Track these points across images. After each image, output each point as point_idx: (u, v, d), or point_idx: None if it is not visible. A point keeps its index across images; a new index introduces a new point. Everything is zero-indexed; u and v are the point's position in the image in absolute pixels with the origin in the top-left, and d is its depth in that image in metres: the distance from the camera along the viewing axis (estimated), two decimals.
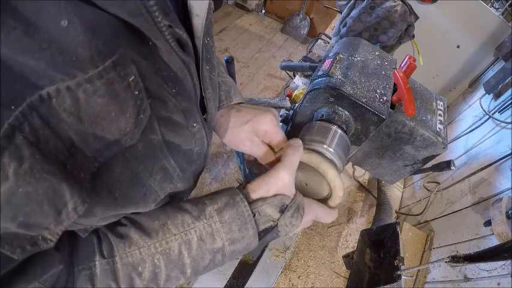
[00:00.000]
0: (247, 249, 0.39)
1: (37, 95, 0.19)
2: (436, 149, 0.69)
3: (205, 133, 0.40)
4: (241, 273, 1.33)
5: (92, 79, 0.21)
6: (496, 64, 1.55)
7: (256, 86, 2.53)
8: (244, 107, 0.51)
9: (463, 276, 1.02)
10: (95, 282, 0.32)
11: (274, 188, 0.40)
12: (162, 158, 0.32)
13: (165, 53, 0.27)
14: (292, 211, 0.41)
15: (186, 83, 0.31)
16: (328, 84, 0.62)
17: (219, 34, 2.88)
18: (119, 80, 0.23)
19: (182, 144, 0.35)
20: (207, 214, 0.37)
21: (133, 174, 0.29)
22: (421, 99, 0.75)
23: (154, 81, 0.27)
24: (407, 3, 1.24)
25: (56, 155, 0.22)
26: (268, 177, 0.41)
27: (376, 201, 1.59)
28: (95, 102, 0.22)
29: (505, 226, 0.89)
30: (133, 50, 0.24)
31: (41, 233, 0.23)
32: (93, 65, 0.21)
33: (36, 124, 0.20)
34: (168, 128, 0.31)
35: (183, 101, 0.32)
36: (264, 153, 0.50)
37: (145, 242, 0.34)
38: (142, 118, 0.26)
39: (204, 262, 0.37)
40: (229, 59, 1.06)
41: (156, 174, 0.33)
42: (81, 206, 0.24)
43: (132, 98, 0.25)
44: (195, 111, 0.35)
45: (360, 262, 0.83)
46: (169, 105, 0.30)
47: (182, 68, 0.30)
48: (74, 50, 0.20)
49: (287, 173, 0.41)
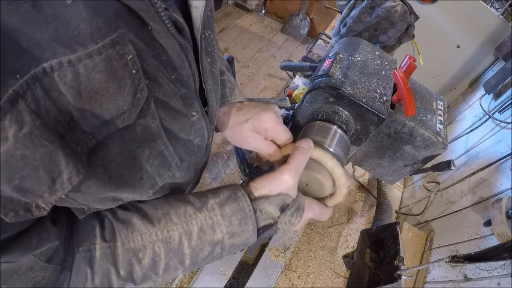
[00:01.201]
0: (245, 244, 0.40)
1: (41, 67, 0.21)
2: (436, 149, 0.69)
3: (205, 124, 0.40)
4: (241, 273, 1.33)
5: (92, 54, 0.23)
6: (496, 64, 1.55)
7: (256, 86, 2.53)
8: (246, 105, 0.51)
9: (463, 276, 1.02)
10: (93, 264, 0.32)
11: (277, 189, 0.40)
12: (160, 144, 0.33)
13: (162, 36, 0.28)
14: (293, 210, 0.41)
15: (184, 69, 0.32)
16: (328, 84, 0.62)
17: (219, 34, 2.88)
18: (117, 57, 0.24)
19: (181, 132, 0.36)
20: (209, 206, 0.37)
21: (130, 156, 0.30)
22: (421, 99, 0.75)
23: (152, 64, 0.28)
24: (407, 3, 1.24)
25: (55, 126, 0.23)
26: (272, 177, 0.41)
27: (376, 201, 1.59)
28: (94, 77, 0.23)
29: (505, 226, 0.89)
30: (132, 33, 0.25)
31: (35, 200, 0.24)
32: (93, 41, 0.23)
33: (38, 94, 0.21)
34: (166, 113, 0.32)
35: (182, 87, 0.33)
36: (268, 150, 0.50)
37: (147, 229, 0.35)
38: (139, 98, 0.27)
39: (203, 253, 0.38)
40: (229, 59, 1.06)
41: (154, 159, 0.33)
42: (76, 177, 0.25)
43: (130, 76, 0.26)
44: (194, 100, 0.36)
45: (360, 262, 0.83)
46: (166, 90, 0.31)
47: (179, 52, 0.30)
48: (76, 26, 0.21)
49: (291, 175, 0.41)
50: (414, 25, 1.31)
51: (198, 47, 0.35)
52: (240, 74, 2.58)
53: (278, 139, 0.50)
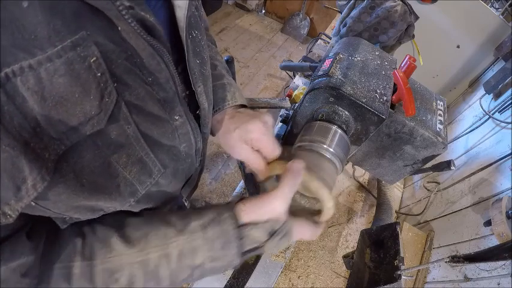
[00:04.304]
0: (228, 266, 0.39)
1: (3, 72, 0.21)
2: (436, 149, 0.69)
3: (191, 129, 0.39)
4: (241, 273, 1.33)
5: (51, 58, 0.22)
6: (496, 64, 1.55)
7: (256, 86, 2.53)
8: (239, 113, 0.50)
9: (463, 276, 1.02)
10: (71, 282, 0.32)
11: (267, 215, 0.39)
12: (139, 150, 0.32)
13: (132, 37, 0.27)
14: (281, 236, 0.40)
15: (161, 72, 0.31)
16: (328, 84, 0.62)
17: (219, 34, 2.88)
18: (79, 60, 0.23)
19: (163, 137, 0.34)
20: (191, 229, 0.36)
21: (105, 163, 0.29)
22: (421, 99, 0.75)
23: (123, 66, 0.27)
24: (407, 3, 1.24)
25: (19, 132, 0.22)
26: (263, 202, 0.39)
27: (376, 201, 1.58)
28: (57, 82, 0.23)
29: (505, 226, 0.88)
30: (99, 33, 0.25)
31: (1, 207, 0.23)
32: (51, 44, 0.22)
33: (1, 99, 0.21)
34: (142, 118, 0.31)
35: (160, 90, 0.32)
36: (254, 163, 0.48)
37: (125, 250, 0.34)
38: (107, 101, 0.26)
39: (182, 276, 0.37)
40: (229, 59, 1.06)
41: (132, 166, 0.32)
42: (40, 183, 0.25)
43: (95, 79, 0.25)
44: (177, 104, 0.35)
45: (360, 262, 0.83)
46: (140, 93, 0.29)
47: (153, 53, 0.29)
48: (33, 29, 0.21)
49: (283, 202, 0.39)
50: (414, 25, 1.31)
51: (184, 48, 0.34)
52: (240, 74, 2.58)
53: (264, 151, 0.48)
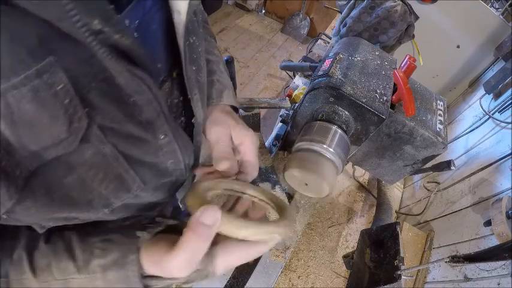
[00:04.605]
0: None
1: None
2: (436, 149, 0.69)
3: (179, 146, 0.37)
4: (241, 273, 1.33)
5: (17, 85, 0.22)
6: (496, 64, 1.56)
7: (256, 86, 2.53)
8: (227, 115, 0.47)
9: (463, 276, 1.02)
10: None
11: (167, 275, 0.33)
12: (117, 168, 0.31)
13: (107, 59, 0.26)
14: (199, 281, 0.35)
15: (142, 93, 0.29)
16: (328, 84, 0.62)
17: (219, 34, 2.88)
18: (45, 87, 0.23)
19: (145, 156, 0.33)
20: (91, 268, 0.33)
21: (79, 179, 0.29)
22: (421, 99, 0.75)
23: (97, 89, 0.26)
24: (407, 3, 1.24)
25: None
26: (160, 260, 0.32)
27: (376, 201, 1.59)
28: (24, 108, 0.23)
29: (505, 226, 0.88)
30: (69, 57, 0.24)
31: None
32: (15, 73, 0.22)
33: None
34: (120, 139, 0.30)
35: (143, 112, 0.30)
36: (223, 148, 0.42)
37: (31, 276, 0.33)
38: (77, 127, 0.26)
39: None
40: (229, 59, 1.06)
41: (109, 182, 0.31)
42: (8, 201, 0.25)
43: (62, 106, 0.24)
44: (161, 123, 0.33)
45: (360, 262, 0.83)
46: (116, 116, 0.28)
47: (131, 77, 0.28)
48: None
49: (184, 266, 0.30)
50: (414, 25, 1.31)
51: (182, 55, 0.33)
52: (240, 74, 2.58)
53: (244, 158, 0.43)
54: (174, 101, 0.39)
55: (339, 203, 1.68)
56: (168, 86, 0.38)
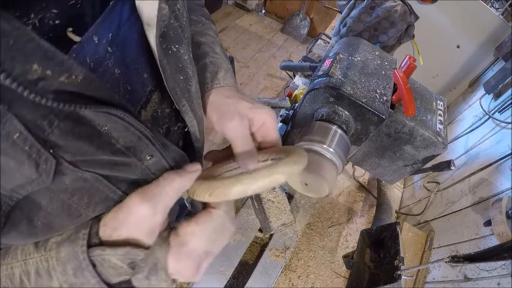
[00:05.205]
0: None
1: None
2: (436, 149, 0.69)
3: (170, 164, 0.35)
4: (241, 273, 1.33)
5: None
6: (496, 64, 1.56)
7: (256, 86, 2.53)
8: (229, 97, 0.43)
9: (463, 276, 1.02)
10: None
11: (124, 226, 0.31)
12: (103, 190, 0.30)
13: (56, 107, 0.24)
14: (146, 273, 0.31)
15: (116, 123, 0.28)
16: (328, 84, 0.62)
17: (219, 34, 2.88)
18: (1, 139, 0.22)
19: (132, 175, 0.32)
20: (48, 246, 0.31)
21: (64, 205, 0.28)
22: (421, 99, 0.75)
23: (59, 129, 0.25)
24: (407, 3, 1.24)
25: None
26: (119, 208, 0.31)
27: (376, 201, 1.59)
28: None
29: (505, 226, 0.89)
30: (19, 104, 0.22)
31: None
32: None
33: None
34: (100, 168, 0.29)
35: (120, 139, 0.29)
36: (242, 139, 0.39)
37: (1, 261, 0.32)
38: (45, 168, 0.25)
39: None
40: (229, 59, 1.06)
41: (96, 205, 0.30)
42: None
43: (24, 153, 0.23)
44: (145, 146, 0.31)
45: (360, 262, 0.83)
46: (88, 150, 0.27)
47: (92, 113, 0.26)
48: None
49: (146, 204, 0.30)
50: (414, 25, 1.31)
51: (160, 68, 0.32)
52: (240, 74, 2.58)
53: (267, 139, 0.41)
54: (165, 111, 0.38)
55: (339, 203, 1.68)
56: (158, 96, 0.36)
